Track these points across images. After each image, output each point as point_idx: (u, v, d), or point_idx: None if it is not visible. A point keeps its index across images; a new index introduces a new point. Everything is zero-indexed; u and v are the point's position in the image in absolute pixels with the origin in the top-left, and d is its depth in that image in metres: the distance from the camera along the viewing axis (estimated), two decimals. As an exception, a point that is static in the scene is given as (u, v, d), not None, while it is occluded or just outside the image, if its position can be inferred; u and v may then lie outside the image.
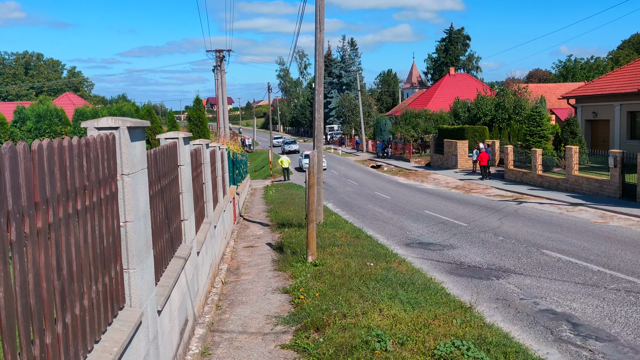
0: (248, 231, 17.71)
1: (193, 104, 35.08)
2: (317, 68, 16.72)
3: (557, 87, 59.45)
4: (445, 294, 9.24)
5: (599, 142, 33.41)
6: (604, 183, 22.64)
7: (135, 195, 4.50)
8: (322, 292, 9.01)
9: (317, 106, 16.76)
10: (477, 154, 33.47)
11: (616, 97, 31.42)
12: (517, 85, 45.51)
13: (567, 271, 11.41)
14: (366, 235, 15.85)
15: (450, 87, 66.96)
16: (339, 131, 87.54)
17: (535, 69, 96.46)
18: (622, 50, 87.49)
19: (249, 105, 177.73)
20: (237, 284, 10.70)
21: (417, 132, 52.84)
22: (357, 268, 10.50)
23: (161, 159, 6.17)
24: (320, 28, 16.33)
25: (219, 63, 44.34)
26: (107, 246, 3.99)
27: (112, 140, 4.21)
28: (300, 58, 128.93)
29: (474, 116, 42.64)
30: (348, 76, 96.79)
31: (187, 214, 7.61)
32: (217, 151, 13.39)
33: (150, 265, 4.96)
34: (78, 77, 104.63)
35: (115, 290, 4.13)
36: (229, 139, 40.06)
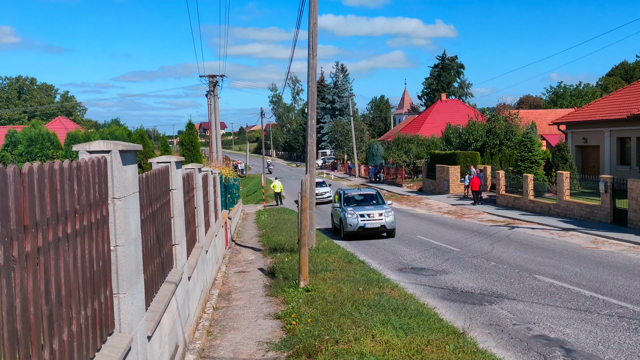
0: (240, 256, 17.61)
1: (186, 129, 35.17)
2: (310, 93, 16.82)
3: (547, 113, 60.03)
4: (438, 319, 9.18)
5: (589, 167, 33.65)
6: (595, 208, 22.73)
7: (126, 219, 4.47)
8: (315, 318, 8.93)
9: (309, 131, 16.82)
10: (469, 179, 33.59)
11: (606, 123, 31.76)
12: (508, 111, 45.90)
13: (560, 296, 11.39)
14: (359, 260, 15.79)
15: (442, 112, 67.49)
16: (332, 156, 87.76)
17: (526, 95, 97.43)
18: (610, 78, 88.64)
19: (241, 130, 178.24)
20: (229, 310, 10.60)
21: (409, 157, 53.04)
22: (350, 293, 10.44)
23: (153, 182, 6.15)
24: (313, 54, 16.47)
25: (212, 88, 44.55)
26: (97, 270, 3.95)
27: (104, 163, 4.20)
28: (293, 84, 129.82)
29: (466, 142, 42.90)
30: (341, 102, 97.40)
31: (178, 239, 7.56)
32: (209, 175, 13.37)
33: (141, 290, 4.91)
34: (71, 102, 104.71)
35: (105, 315, 4.08)
36: (222, 163, 40.06)
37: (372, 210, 21.36)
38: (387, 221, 20.93)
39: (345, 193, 23.48)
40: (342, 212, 21.94)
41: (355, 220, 21.19)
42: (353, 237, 21.24)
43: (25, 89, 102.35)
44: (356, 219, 20.96)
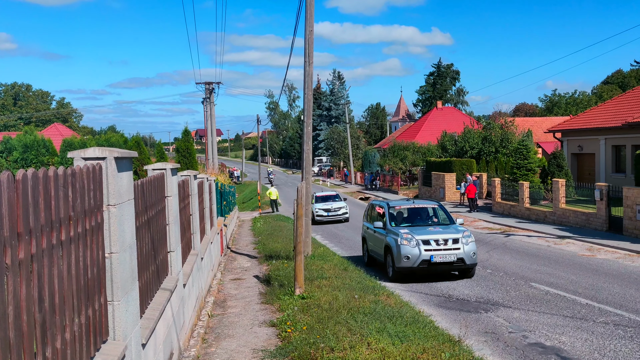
0: (235, 263, 17.56)
1: (182, 136, 35.11)
2: (306, 101, 16.84)
3: (543, 121, 60.24)
4: (433, 327, 9.16)
5: (585, 175, 33.76)
6: (590, 216, 22.78)
7: (121, 226, 4.45)
8: (310, 326, 8.90)
9: (305, 138, 16.83)
10: (464, 186, 33.66)
11: (601, 131, 31.89)
12: (503, 119, 46.05)
13: (556, 304, 11.38)
14: (354, 267, 15.75)
15: (437, 120, 67.68)
16: (328, 163, 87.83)
17: (521, 103, 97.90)
18: (606, 86, 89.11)
19: (237, 137, 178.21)
20: (224, 317, 10.56)
21: (405, 164, 53.12)
22: (345, 301, 10.41)
23: (148, 189, 6.13)
24: (309, 62, 16.50)
25: (209, 95, 44.58)
26: (92, 277, 3.93)
27: (99, 170, 4.18)
28: (289, 91, 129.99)
29: (462, 149, 43.00)
30: (337, 109, 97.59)
31: (173, 246, 7.54)
32: (205, 182, 13.36)
33: (136, 297, 4.89)
34: (67, 108, 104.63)
35: (99, 322, 4.05)
36: (217, 170, 40.03)
37: (440, 233, 14.24)
38: (466, 252, 13.95)
39: (391, 206, 16.08)
40: (388, 236, 14.76)
41: (415, 250, 13.88)
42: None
43: (21, 95, 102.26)
44: (417, 248, 13.78)
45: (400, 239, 14.09)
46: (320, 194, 33.04)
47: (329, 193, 34.31)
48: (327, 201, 31.71)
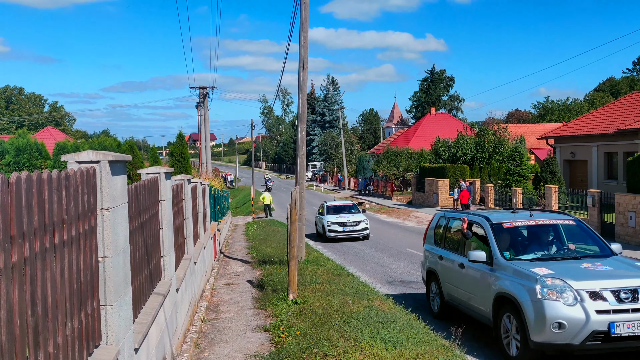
0: (228, 268, 17.52)
1: (175, 140, 35.03)
2: (300, 106, 16.86)
3: (536, 127, 60.54)
4: (427, 332, 9.15)
5: (577, 181, 33.93)
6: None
7: (114, 230, 4.44)
8: (303, 331, 8.89)
9: (299, 143, 16.84)
10: (458, 192, 33.75)
11: (593, 138, 32.08)
12: (497, 125, 46.26)
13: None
14: (348, 273, 15.75)
15: (431, 126, 67.90)
16: (322, 168, 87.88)
17: (514, 109, 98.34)
18: (597, 93, 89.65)
19: (231, 142, 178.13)
20: (217, 322, 10.52)
21: (399, 170, 53.23)
22: (339, 306, 10.40)
23: (142, 193, 6.12)
24: (303, 67, 16.52)
25: (202, 100, 44.56)
26: (85, 281, 3.91)
27: (93, 174, 4.17)
28: (283, 96, 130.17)
29: (455, 155, 43.14)
30: (331, 114, 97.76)
31: (167, 250, 7.51)
32: (198, 187, 13.33)
33: (129, 302, 4.87)
34: (60, 112, 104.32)
35: (92, 327, 4.03)
36: (211, 175, 39.98)
37: (616, 277, 8.08)
38: None
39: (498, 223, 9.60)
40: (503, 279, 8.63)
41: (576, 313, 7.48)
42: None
43: (13, 98, 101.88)
44: (579, 308, 7.61)
45: (538, 286, 7.81)
46: (333, 204, 27.44)
47: (344, 203, 28.22)
48: (341, 212, 26.02)
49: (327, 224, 25.09)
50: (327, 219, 25.38)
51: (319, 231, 26.76)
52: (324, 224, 25.36)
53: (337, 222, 24.99)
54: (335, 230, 24.84)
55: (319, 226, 26.77)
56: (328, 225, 25.03)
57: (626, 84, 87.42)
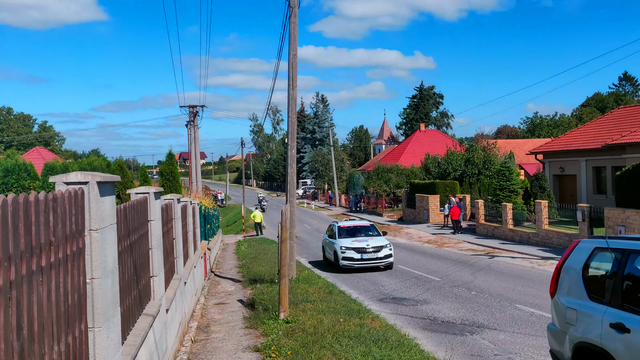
0: (219, 287, 17.40)
1: (165, 159, 34.95)
2: (290, 124, 16.90)
3: (525, 143, 60.99)
4: (419, 350, 9.12)
5: (566, 196, 34.10)
6: (573, 237, 22.96)
7: (103, 251, 4.40)
8: (294, 350, 8.82)
9: (290, 161, 16.85)
10: (448, 208, 33.83)
11: (581, 152, 32.32)
12: (486, 141, 46.57)
13: (541, 326, 11.40)
14: (339, 290, 15.70)
15: (421, 142, 68.18)
16: (312, 186, 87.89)
17: (503, 125, 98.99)
18: (585, 108, 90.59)
19: (222, 160, 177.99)
20: (207, 342, 10.42)
21: (389, 186, 53.31)
22: (330, 325, 10.34)
23: (131, 214, 6.08)
24: (293, 85, 16.60)
25: (192, 118, 44.57)
26: (72, 304, 3.87)
27: (81, 195, 4.14)
28: (273, 114, 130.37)
29: (445, 171, 43.31)
30: (321, 131, 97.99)
31: (156, 270, 7.45)
32: (188, 206, 13.28)
33: (117, 324, 4.81)
34: (49, 132, 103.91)
35: (79, 350, 3.98)
36: (201, 193, 39.86)
37: None
38: None
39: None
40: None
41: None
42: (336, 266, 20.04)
43: (2, 118, 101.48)
44: None
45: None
46: (346, 225, 22.68)
47: (360, 224, 23.24)
48: (356, 235, 21.38)
49: (340, 250, 20.22)
50: (339, 243, 20.53)
51: (328, 258, 22.22)
52: (335, 250, 20.54)
53: (354, 247, 20.11)
54: (352, 258, 19.98)
55: (328, 252, 22.04)
56: (342, 252, 20.15)
57: (612, 99, 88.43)
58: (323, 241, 23.53)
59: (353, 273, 20.01)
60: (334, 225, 22.79)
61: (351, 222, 24.07)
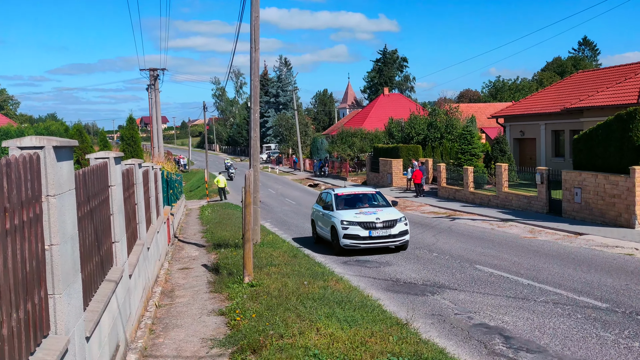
0: (183, 252, 17.35)
1: (126, 123, 34.27)
2: (253, 87, 16.70)
3: (486, 107, 61.67)
4: (382, 311, 9.31)
5: (526, 159, 34.81)
6: (532, 199, 23.54)
7: (61, 217, 4.32)
8: (259, 313, 8.90)
9: (253, 125, 16.71)
10: (411, 172, 34.19)
11: (541, 116, 32.90)
12: (448, 105, 46.93)
13: (499, 285, 11.74)
14: (304, 254, 15.82)
15: (384, 107, 68.33)
16: (277, 150, 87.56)
17: (466, 89, 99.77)
18: (545, 72, 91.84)
19: (184, 125, 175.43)
20: (172, 307, 10.43)
21: (354, 151, 53.52)
22: (295, 287, 10.44)
23: (91, 179, 5.96)
24: (255, 47, 16.34)
25: (153, 82, 43.65)
26: (31, 271, 3.80)
27: (37, 160, 4.03)
28: (236, 77, 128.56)
29: (408, 135, 43.63)
30: (285, 95, 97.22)
31: (118, 236, 7.37)
32: (150, 171, 13.09)
33: (78, 290, 4.76)
34: (2, 95, 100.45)
35: (39, 317, 3.93)
36: (163, 158, 39.33)
37: None
38: None
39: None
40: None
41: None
42: None
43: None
44: None
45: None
46: (346, 193, 18.22)
47: (363, 190, 18.94)
48: (359, 206, 17.35)
49: (341, 225, 16.06)
50: (339, 216, 16.38)
51: (321, 235, 18.26)
52: (334, 226, 16.40)
53: (359, 222, 15.92)
54: (357, 236, 15.84)
55: (320, 228, 18.12)
56: (343, 228, 15.98)
57: (571, 63, 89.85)
58: (313, 213, 19.31)
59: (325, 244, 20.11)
60: (328, 193, 18.31)
61: (351, 188, 19.52)
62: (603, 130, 19.32)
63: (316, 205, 19.17)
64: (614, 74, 31.47)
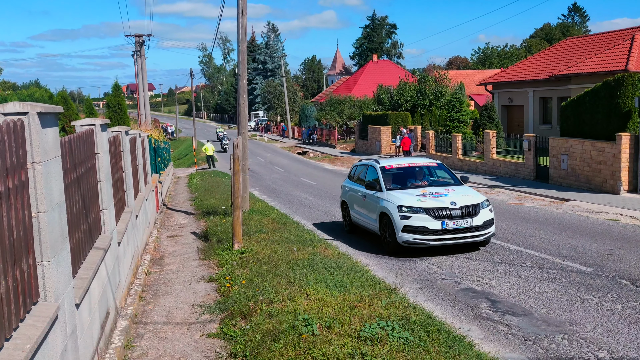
0: (172, 220, 17.34)
1: (112, 91, 33.87)
2: (240, 53, 16.50)
3: (475, 74, 61.47)
4: (370, 276, 9.40)
5: (514, 126, 34.89)
6: (519, 166, 23.67)
7: (48, 184, 4.28)
8: (249, 279, 8.96)
9: (241, 92, 16.56)
10: (400, 139, 34.20)
11: (529, 83, 32.88)
12: (437, 72, 46.73)
13: (486, 251, 11.87)
14: (293, 221, 15.87)
15: (373, 73, 67.95)
16: (265, 118, 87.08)
17: (455, 56, 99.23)
18: (534, 39, 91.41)
19: (171, 92, 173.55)
20: (161, 274, 10.47)
21: (342, 118, 53.32)
22: (284, 254, 10.50)
23: (77, 146, 5.90)
24: (242, 13, 16.09)
25: (139, 48, 43.00)
26: (18, 238, 3.78)
27: (21, 126, 3.97)
28: (223, 43, 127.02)
29: (397, 102, 43.49)
30: (273, 62, 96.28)
31: (106, 204, 7.34)
32: (137, 138, 12.99)
33: (67, 257, 4.75)
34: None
35: (28, 284, 3.92)
36: (151, 126, 39.01)
37: None
38: None
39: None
40: None
41: None
42: None
43: None
44: None
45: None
46: (396, 164, 13.47)
47: (420, 162, 13.96)
48: (418, 184, 13.03)
49: (399, 212, 11.53)
50: (395, 199, 11.87)
51: (357, 222, 13.85)
52: (386, 213, 11.85)
53: (427, 208, 11.44)
54: (425, 229, 11.34)
55: (359, 214, 13.63)
56: (403, 217, 11.45)
57: (559, 30, 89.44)
58: (344, 193, 14.77)
59: (302, 203, 20.14)
60: (369, 165, 13.66)
61: (401, 159, 14.64)
62: (590, 97, 19.36)
63: (349, 182, 14.70)
64: (603, 40, 31.40)
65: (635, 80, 17.84)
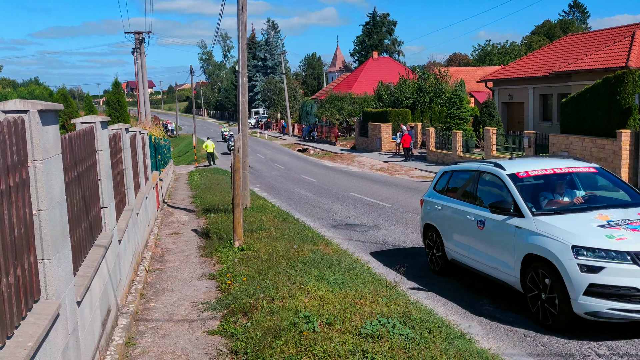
0: (173, 218, 17.35)
1: (112, 88, 33.88)
2: (241, 51, 16.48)
3: (475, 71, 61.41)
4: (371, 273, 9.41)
5: (514, 123, 34.87)
6: (519, 163, 23.65)
7: (49, 182, 4.28)
8: (250, 277, 8.96)
9: (241, 89, 16.55)
10: (400, 136, 34.19)
11: (529, 80, 32.85)
12: (437, 69, 46.69)
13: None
14: (293, 218, 15.88)
15: (373, 70, 67.88)
16: (265, 115, 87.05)
17: (455, 53, 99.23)
18: (534, 36, 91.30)
19: (171, 89, 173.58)
20: (162, 272, 10.47)
21: (342, 115, 53.29)
22: (285, 251, 10.50)
23: (77, 144, 5.90)
24: (242, 10, 16.07)
25: (139, 45, 42.93)
26: (19, 236, 3.78)
27: (21, 124, 3.97)
28: (223, 40, 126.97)
29: (397, 99, 43.46)
30: (273, 59, 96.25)
31: (106, 201, 7.34)
32: (137, 136, 12.99)
33: (68, 255, 4.75)
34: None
35: (30, 282, 3.93)
36: (151, 123, 38.99)
37: None
38: None
39: None
40: None
41: None
42: None
43: None
44: None
45: None
46: (534, 171, 8.33)
47: (565, 166, 8.46)
48: (578, 201, 7.98)
49: (575, 259, 6.62)
50: (559, 233, 6.96)
51: (462, 260, 9.32)
52: (547, 256, 6.95)
53: (636, 252, 6.48)
54: (635, 291, 6.37)
55: (469, 250, 8.97)
56: (587, 268, 6.54)
57: (559, 27, 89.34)
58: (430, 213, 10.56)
59: (303, 200, 20.15)
60: (484, 170, 9.02)
61: (539, 161, 9.14)
62: (591, 94, 19.34)
63: (437, 196, 10.37)
64: (603, 37, 31.36)
65: (635, 77, 17.83)
